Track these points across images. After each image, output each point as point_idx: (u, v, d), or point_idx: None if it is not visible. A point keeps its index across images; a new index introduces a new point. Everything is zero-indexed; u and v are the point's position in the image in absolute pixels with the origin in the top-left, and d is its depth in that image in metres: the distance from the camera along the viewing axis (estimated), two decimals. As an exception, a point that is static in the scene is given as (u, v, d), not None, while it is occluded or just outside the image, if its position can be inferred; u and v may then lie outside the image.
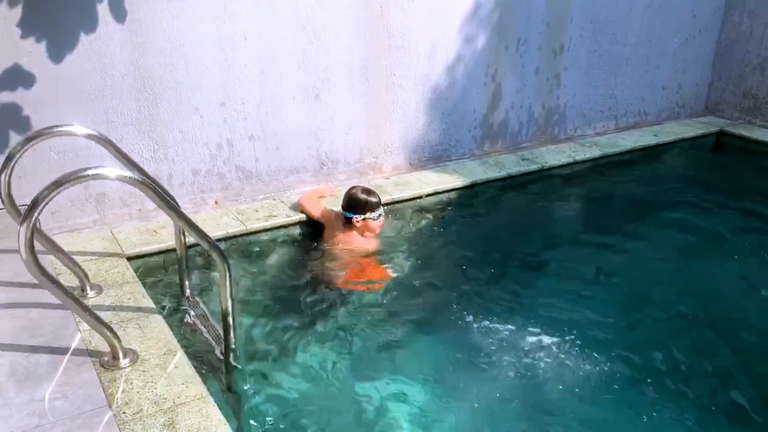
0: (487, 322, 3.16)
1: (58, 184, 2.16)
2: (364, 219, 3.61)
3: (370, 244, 3.72)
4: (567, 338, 3.02)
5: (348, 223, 3.65)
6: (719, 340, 3.11)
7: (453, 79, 4.68)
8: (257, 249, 3.72)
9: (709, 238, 4.13)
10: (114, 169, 2.28)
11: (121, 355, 2.45)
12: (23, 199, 3.16)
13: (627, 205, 4.58)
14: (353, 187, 3.71)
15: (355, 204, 3.61)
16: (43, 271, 2.19)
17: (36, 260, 2.16)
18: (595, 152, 5.10)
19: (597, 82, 5.47)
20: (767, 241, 4.08)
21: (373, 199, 3.64)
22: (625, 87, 5.67)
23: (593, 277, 3.66)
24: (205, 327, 2.91)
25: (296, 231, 3.87)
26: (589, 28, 5.22)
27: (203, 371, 2.62)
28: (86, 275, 2.93)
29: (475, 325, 3.15)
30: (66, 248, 3.27)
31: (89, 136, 2.80)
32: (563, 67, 5.22)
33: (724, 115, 6.18)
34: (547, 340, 3.03)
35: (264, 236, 3.76)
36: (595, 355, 2.93)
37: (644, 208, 4.52)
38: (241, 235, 3.68)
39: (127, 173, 2.28)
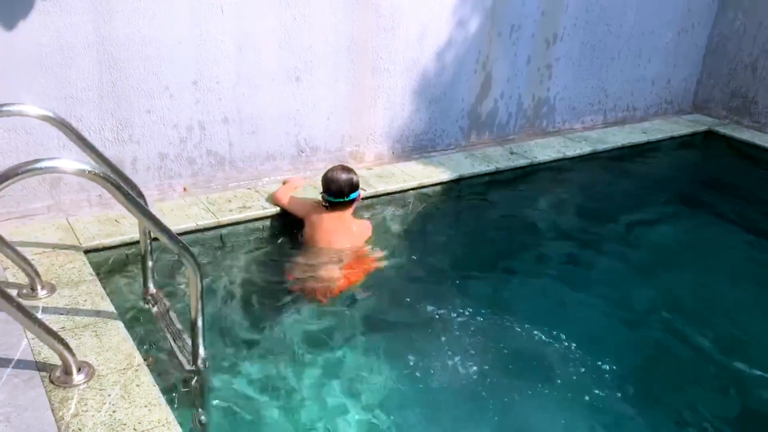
0: (471, 321, 3.04)
1: (5, 177, 1.85)
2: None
3: (363, 226, 3.50)
4: (550, 339, 2.95)
5: (333, 206, 3.37)
6: (702, 340, 3.05)
7: (442, 65, 4.41)
8: (230, 244, 3.43)
9: (695, 242, 4.04)
10: (70, 162, 1.97)
11: (74, 370, 2.17)
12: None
13: (615, 205, 4.43)
14: (331, 169, 3.42)
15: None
16: (-18, 277, 1.88)
17: (-25, 265, 1.85)
18: (585, 148, 4.91)
19: (588, 74, 5.27)
20: (755, 249, 3.99)
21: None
22: (615, 80, 5.48)
23: (579, 278, 3.53)
24: (171, 334, 2.62)
25: (272, 224, 3.58)
26: (584, 17, 5.00)
27: (168, 388, 2.35)
28: (36, 272, 2.61)
29: (459, 327, 3.01)
30: (15, 238, 2.98)
31: (43, 117, 2.47)
32: (555, 57, 4.99)
33: (711, 113, 6.04)
34: (531, 339, 2.95)
35: (237, 229, 3.47)
36: (578, 353, 2.86)
37: (633, 208, 4.39)
38: (212, 227, 3.38)
39: (85, 166, 1.97)
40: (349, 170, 3.42)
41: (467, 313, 3.13)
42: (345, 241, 3.39)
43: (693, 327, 3.13)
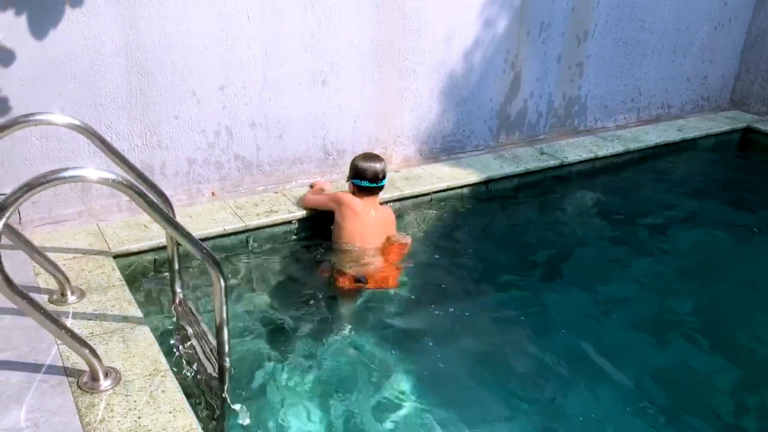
0: (500, 328, 3.02)
1: (29, 187, 1.87)
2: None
3: (388, 213, 3.53)
4: (579, 345, 2.92)
5: (362, 192, 3.41)
6: (733, 355, 2.93)
7: (470, 66, 4.35)
8: (257, 248, 3.43)
9: (734, 246, 3.91)
10: (94, 170, 1.98)
11: (101, 376, 2.19)
12: (0, 188, 2.89)
13: (648, 209, 4.30)
14: (361, 157, 3.49)
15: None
16: (10, 285, 1.91)
17: (3, 273, 1.88)
18: (618, 147, 4.80)
19: (621, 71, 5.15)
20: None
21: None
22: (649, 78, 5.35)
23: (610, 284, 3.44)
24: (198, 341, 2.63)
25: (299, 228, 3.58)
26: (616, 13, 4.89)
27: (194, 395, 2.36)
28: (66, 278, 2.65)
29: (488, 334, 2.98)
30: (47, 244, 3.03)
31: (71, 126, 2.50)
32: (586, 55, 4.89)
33: (750, 109, 5.87)
34: (559, 344, 2.92)
35: (264, 233, 3.48)
36: (608, 361, 2.82)
37: (667, 210, 4.27)
38: (240, 232, 3.40)
39: (109, 175, 1.98)
40: (379, 157, 3.49)
41: (495, 316, 3.10)
42: (376, 236, 3.41)
43: (724, 337, 3.03)
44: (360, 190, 3.42)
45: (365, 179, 3.39)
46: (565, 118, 5.02)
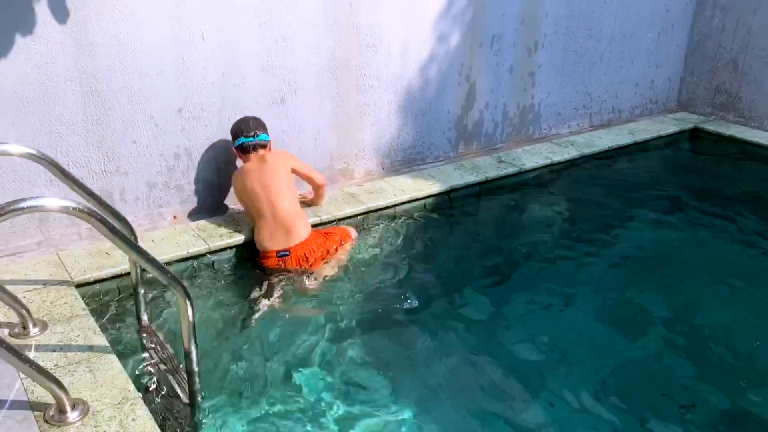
0: (466, 334, 3.06)
1: (-14, 219, 1.85)
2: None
3: (277, 155, 3.62)
4: (542, 348, 2.96)
5: (245, 151, 3.53)
6: (691, 344, 3.03)
7: (426, 79, 4.43)
8: (222, 270, 3.42)
9: (688, 241, 4.05)
10: (54, 199, 1.97)
11: (68, 408, 2.15)
12: (-46, 224, 2.82)
13: (605, 210, 4.43)
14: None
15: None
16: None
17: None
18: (573, 153, 4.93)
19: (571, 79, 5.30)
20: (748, 243, 4.00)
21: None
22: (599, 84, 5.52)
23: (572, 283, 3.52)
24: (166, 366, 2.61)
25: (264, 247, 3.57)
26: (564, 23, 5.04)
27: (165, 421, 2.34)
28: (27, 310, 2.59)
29: (453, 341, 3.02)
30: (6, 276, 2.97)
31: (27, 155, 2.47)
32: (538, 65, 5.02)
33: (696, 110, 6.09)
34: (521, 349, 2.96)
35: (228, 253, 3.47)
36: (571, 362, 2.88)
37: (623, 211, 4.40)
38: (204, 254, 3.38)
39: (69, 203, 1.97)
40: (253, 116, 3.62)
41: (460, 323, 3.14)
42: (278, 182, 3.47)
43: (685, 329, 3.13)
44: (243, 150, 3.52)
45: (241, 135, 3.50)
46: (520, 127, 5.13)
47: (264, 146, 3.54)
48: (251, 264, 3.49)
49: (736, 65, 5.73)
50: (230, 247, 3.46)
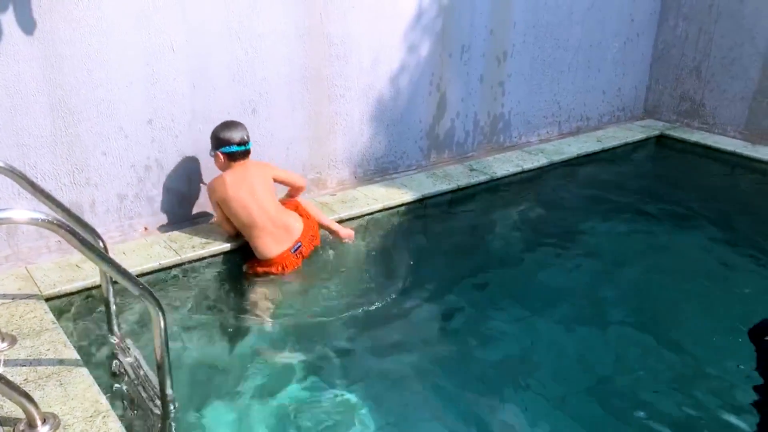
0: (439, 341, 3.11)
1: (-48, 232, 1.83)
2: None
3: (258, 164, 3.62)
4: (512, 353, 3.01)
5: (232, 158, 3.46)
6: (659, 350, 3.08)
7: (397, 89, 4.48)
8: (194, 280, 3.40)
9: (656, 244, 4.14)
10: (22, 211, 1.96)
11: (39, 423, 2.12)
12: None
13: (575, 215, 4.51)
14: (221, 126, 3.50)
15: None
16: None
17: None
18: (542, 160, 5.02)
19: (540, 88, 5.40)
20: (712, 246, 4.10)
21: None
22: (567, 92, 5.62)
23: (543, 288, 3.59)
24: (138, 378, 2.59)
25: (236, 257, 3.57)
26: (532, 33, 5.13)
27: (137, 434, 2.32)
28: (-4, 325, 2.56)
29: (425, 349, 3.06)
30: (-28, 292, 2.91)
31: (-6, 168, 2.44)
32: (507, 74, 5.11)
33: (662, 117, 6.23)
34: (492, 355, 3.00)
35: (200, 264, 3.45)
36: (541, 367, 2.93)
37: (592, 216, 4.49)
38: (175, 265, 3.36)
39: (38, 215, 1.96)
40: (236, 121, 3.53)
41: (433, 330, 3.18)
42: (265, 191, 3.46)
43: (652, 330, 3.19)
44: (230, 158, 3.43)
45: (233, 144, 3.41)
46: (491, 135, 5.20)
47: (249, 154, 3.53)
48: (223, 274, 3.49)
49: (699, 73, 5.89)
50: (202, 258, 3.44)
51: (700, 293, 3.53)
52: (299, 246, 3.47)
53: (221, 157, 3.44)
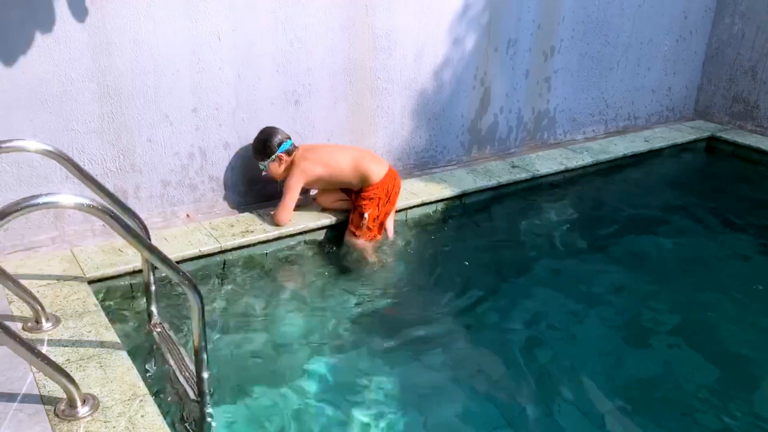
0: (479, 342, 3.05)
1: (2, 214, 1.88)
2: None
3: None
4: (550, 354, 2.97)
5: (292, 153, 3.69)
6: (708, 357, 2.99)
7: (440, 83, 4.43)
8: (233, 269, 3.43)
9: (704, 251, 3.99)
10: (69, 196, 1.99)
11: (79, 403, 2.17)
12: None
13: (619, 217, 4.40)
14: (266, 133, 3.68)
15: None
16: (-15, 314, 1.89)
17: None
18: (587, 159, 4.91)
19: (587, 85, 5.28)
20: (764, 255, 3.94)
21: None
22: (615, 90, 5.49)
23: (584, 293, 3.49)
24: (176, 363, 2.62)
25: (275, 248, 3.59)
26: (581, 29, 5.02)
27: (174, 418, 2.35)
28: (41, 305, 2.62)
29: (461, 346, 3.04)
30: (20, 271, 3.00)
31: (43, 152, 2.49)
32: (554, 69, 5.01)
33: (713, 119, 6.03)
34: (529, 355, 2.95)
35: (240, 254, 3.48)
36: (580, 369, 2.85)
37: (637, 220, 4.36)
38: (216, 253, 3.39)
39: (83, 200, 1.99)
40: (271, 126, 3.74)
41: (468, 328, 3.14)
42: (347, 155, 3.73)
43: (699, 342, 3.08)
44: (289, 153, 3.63)
45: (284, 141, 3.63)
46: (534, 132, 5.11)
47: None
48: (262, 263, 3.51)
49: (755, 74, 5.68)
50: (242, 247, 3.47)
51: (749, 303, 3.40)
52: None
53: (283, 157, 3.62)
